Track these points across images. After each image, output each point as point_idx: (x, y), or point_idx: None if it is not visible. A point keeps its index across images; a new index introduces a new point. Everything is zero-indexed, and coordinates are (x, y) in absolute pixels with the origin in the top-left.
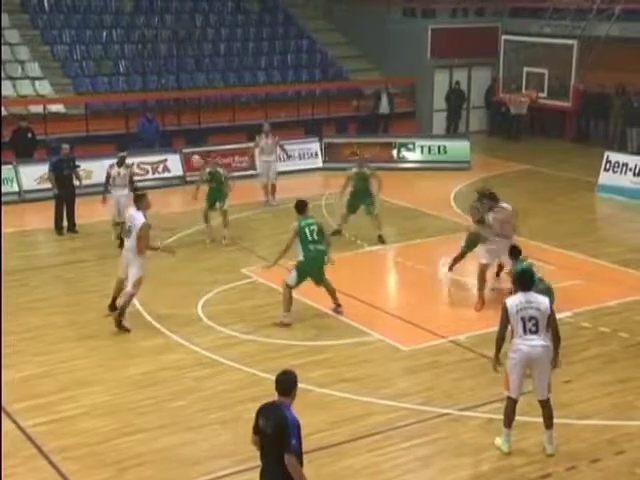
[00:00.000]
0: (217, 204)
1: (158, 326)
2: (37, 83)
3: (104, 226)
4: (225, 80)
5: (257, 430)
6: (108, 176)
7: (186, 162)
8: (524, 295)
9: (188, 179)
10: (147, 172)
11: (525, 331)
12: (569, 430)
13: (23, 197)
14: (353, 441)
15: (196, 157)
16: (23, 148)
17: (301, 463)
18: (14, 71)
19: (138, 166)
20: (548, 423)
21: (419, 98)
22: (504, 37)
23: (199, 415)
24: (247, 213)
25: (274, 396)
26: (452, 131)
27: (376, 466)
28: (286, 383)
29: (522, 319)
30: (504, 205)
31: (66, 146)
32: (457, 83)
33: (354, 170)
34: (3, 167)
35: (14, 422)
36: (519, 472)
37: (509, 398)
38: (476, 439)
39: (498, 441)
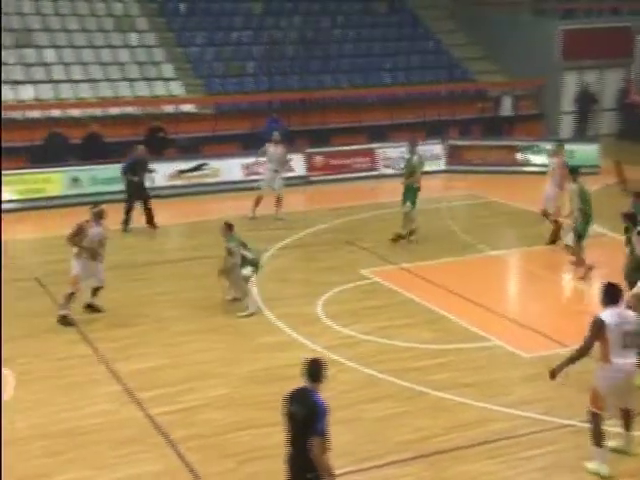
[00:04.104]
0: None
1: (279, 323)
2: (170, 84)
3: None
4: (351, 81)
5: (287, 416)
6: (82, 232)
7: (310, 162)
8: (614, 309)
9: (311, 179)
10: None
11: (624, 346)
12: None
13: (157, 193)
14: (472, 447)
15: None
16: (155, 147)
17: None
18: (150, 72)
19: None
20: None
21: (547, 100)
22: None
23: None
24: (367, 214)
25: (389, 398)
26: (581, 134)
27: (495, 474)
28: (316, 369)
29: (622, 334)
30: None
31: (141, 147)
32: (587, 85)
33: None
34: None
35: (142, 409)
36: None
37: (597, 415)
38: None
39: (593, 466)
